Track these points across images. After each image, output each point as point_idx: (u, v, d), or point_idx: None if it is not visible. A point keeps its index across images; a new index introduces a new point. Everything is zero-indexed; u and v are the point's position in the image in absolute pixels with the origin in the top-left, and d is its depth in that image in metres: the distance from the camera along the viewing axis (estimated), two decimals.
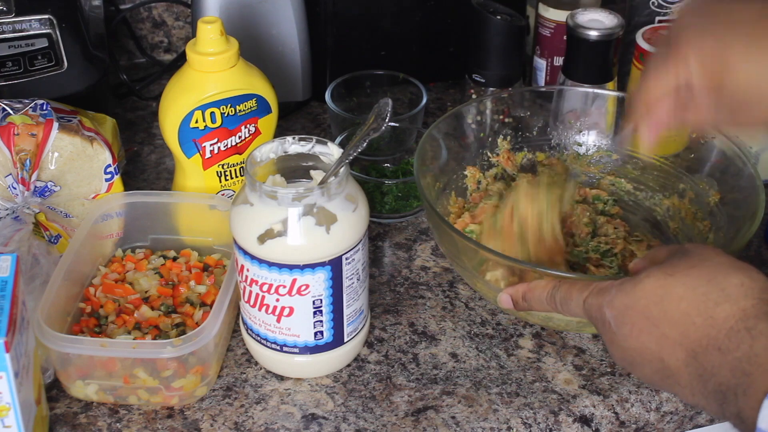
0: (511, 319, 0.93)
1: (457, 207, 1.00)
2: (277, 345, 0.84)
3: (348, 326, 0.85)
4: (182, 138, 0.93)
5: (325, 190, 0.78)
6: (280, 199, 0.78)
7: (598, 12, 1.07)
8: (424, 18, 1.22)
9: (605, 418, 0.84)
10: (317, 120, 1.23)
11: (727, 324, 0.62)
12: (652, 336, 0.66)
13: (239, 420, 0.82)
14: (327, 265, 0.79)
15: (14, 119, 0.88)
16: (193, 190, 0.97)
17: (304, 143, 0.84)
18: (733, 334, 0.62)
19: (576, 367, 0.88)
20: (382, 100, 0.82)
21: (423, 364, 0.88)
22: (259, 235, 0.78)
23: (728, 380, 0.61)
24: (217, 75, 0.91)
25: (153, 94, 1.25)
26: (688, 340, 0.64)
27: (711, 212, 0.95)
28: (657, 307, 0.66)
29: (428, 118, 1.20)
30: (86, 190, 0.92)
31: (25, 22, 1.03)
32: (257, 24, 1.15)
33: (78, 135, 0.90)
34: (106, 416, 0.82)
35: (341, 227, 0.79)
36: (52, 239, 0.93)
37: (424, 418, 0.82)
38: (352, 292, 0.83)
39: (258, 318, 0.83)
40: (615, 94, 1.06)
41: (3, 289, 0.70)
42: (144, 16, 1.32)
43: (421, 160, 0.95)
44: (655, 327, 0.66)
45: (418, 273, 0.99)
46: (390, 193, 1.04)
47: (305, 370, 0.86)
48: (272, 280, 0.80)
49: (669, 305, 0.65)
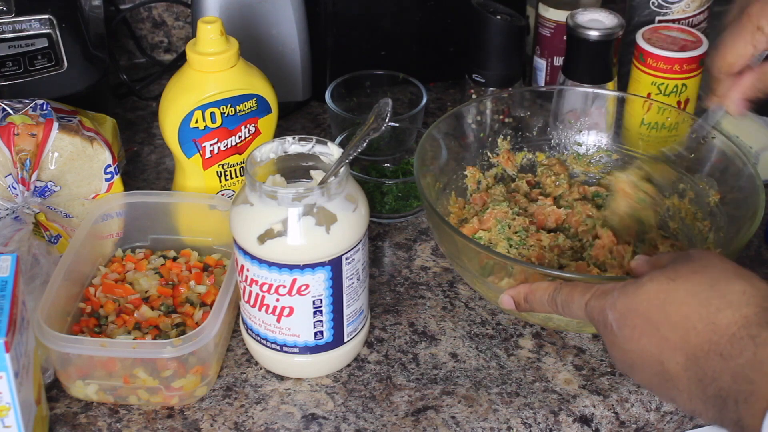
0: (511, 319, 0.93)
1: (457, 207, 1.00)
2: (277, 345, 0.84)
3: (348, 326, 0.85)
4: (182, 138, 0.93)
5: (325, 190, 0.78)
6: (280, 199, 0.78)
7: (598, 12, 1.06)
8: (424, 18, 1.22)
9: (605, 418, 0.84)
10: (317, 120, 1.23)
11: (729, 330, 0.62)
12: (653, 339, 0.66)
13: (239, 420, 0.82)
14: (327, 265, 0.79)
15: (14, 119, 0.89)
16: (193, 190, 0.97)
17: (304, 143, 0.84)
18: (736, 341, 0.62)
19: (576, 367, 0.88)
20: (382, 100, 0.82)
21: (423, 364, 0.88)
22: (259, 235, 0.78)
23: (729, 386, 0.61)
24: (217, 75, 0.91)
25: (153, 94, 1.25)
26: (689, 345, 0.64)
27: (711, 212, 0.95)
28: (658, 311, 0.66)
29: (428, 118, 1.20)
30: (86, 190, 0.92)
31: (25, 22, 1.03)
32: (257, 24, 1.15)
33: (78, 135, 0.90)
34: (106, 416, 0.82)
35: (341, 227, 0.79)
36: (52, 239, 0.93)
37: (424, 418, 0.82)
38: (352, 292, 0.83)
39: (258, 318, 0.83)
40: (615, 94, 1.06)
41: (3, 289, 0.70)
42: (144, 16, 1.32)
43: (421, 160, 0.95)
44: (656, 330, 0.66)
45: (418, 273, 0.99)
46: (390, 193, 1.04)
47: (305, 370, 0.86)
48: (272, 280, 0.80)
49: (670, 309, 0.65)
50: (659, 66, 1.07)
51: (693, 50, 1.07)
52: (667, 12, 1.16)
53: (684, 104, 1.09)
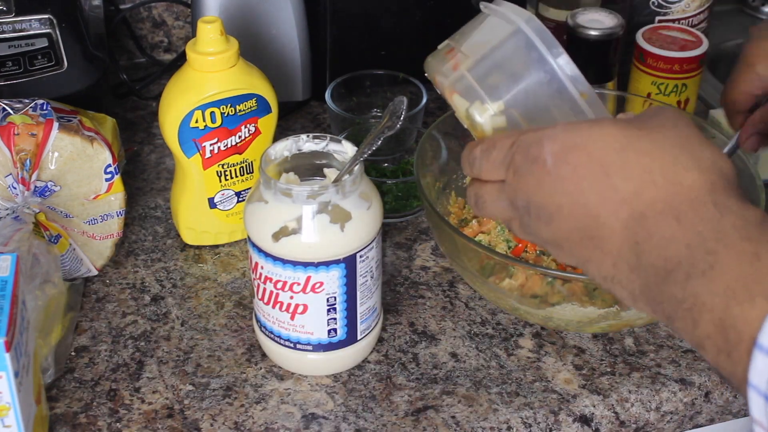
0: (511, 318, 0.93)
1: (457, 207, 1.00)
2: (290, 342, 0.84)
3: (361, 324, 0.85)
4: (182, 138, 0.93)
5: (339, 188, 0.78)
6: (295, 196, 0.78)
7: (598, 12, 1.06)
8: (424, 18, 1.22)
9: (605, 417, 0.84)
10: (317, 120, 1.23)
11: (692, 194, 0.55)
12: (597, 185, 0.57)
13: (239, 420, 0.82)
14: (341, 262, 0.79)
15: (14, 119, 0.88)
16: (193, 190, 0.97)
17: (318, 141, 0.84)
18: (699, 205, 0.54)
19: (576, 366, 0.88)
20: (396, 98, 0.82)
21: (423, 363, 0.88)
22: (274, 233, 0.79)
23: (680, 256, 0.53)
24: (217, 75, 0.92)
25: (153, 94, 1.25)
26: (640, 200, 0.56)
27: None
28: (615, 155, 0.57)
29: (428, 118, 1.20)
30: (86, 190, 0.92)
31: (25, 21, 1.03)
32: (257, 24, 1.15)
33: (78, 135, 0.90)
34: (106, 416, 0.82)
35: (355, 225, 0.79)
36: (52, 239, 0.93)
37: (424, 417, 0.82)
38: (365, 290, 0.83)
39: (272, 315, 0.83)
40: (615, 93, 1.06)
41: (3, 289, 0.70)
42: (144, 16, 1.32)
43: (421, 160, 0.95)
44: (605, 176, 0.57)
45: (418, 273, 0.99)
46: (390, 193, 1.04)
47: (318, 368, 0.86)
48: (286, 278, 0.80)
49: (630, 156, 0.57)
50: (659, 66, 1.07)
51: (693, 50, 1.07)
52: (667, 12, 1.17)
53: (684, 104, 1.09)
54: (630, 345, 0.90)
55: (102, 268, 0.97)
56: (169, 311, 0.93)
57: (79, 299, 0.93)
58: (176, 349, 0.89)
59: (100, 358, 0.88)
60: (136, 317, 0.92)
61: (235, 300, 0.94)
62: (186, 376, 0.86)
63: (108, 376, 0.86)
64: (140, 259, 0.99)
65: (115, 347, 0.89)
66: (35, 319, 0.80)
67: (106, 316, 0.93)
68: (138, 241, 1.02)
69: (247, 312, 0.93)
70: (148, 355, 0.88)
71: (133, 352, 0.89)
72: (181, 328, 0.91)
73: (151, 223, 1.04)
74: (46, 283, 0.84)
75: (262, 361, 0.88)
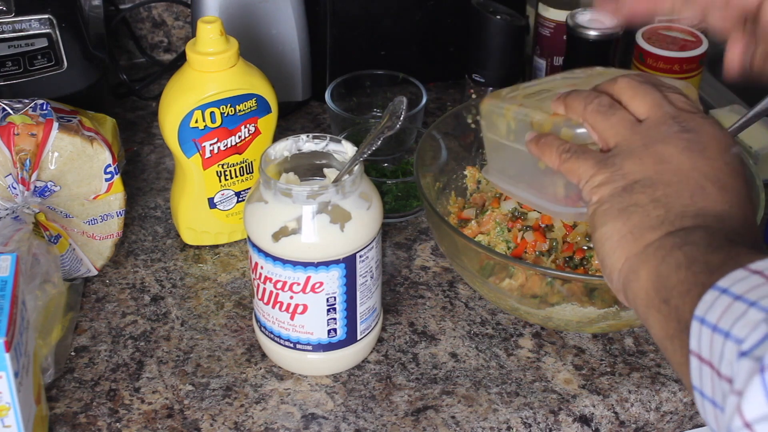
0: (511, 318, 0.93)
1: (457, 207, 1.00)
2: (290, 342, 0.84)
3: (361, 324, 0.85)
4: (182, 138, 0.93)
5: (339, 188, 0.79)
6: (295, 196, 0.78)
7: (598, 12, 1.06)
8: (424, 18, 1.22)
9: (605, 417, 0.84)
10: (317, 120, 1.23)
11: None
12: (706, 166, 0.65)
13: (239, 420, 0.82)
14: (341, 262, 0.79)
15: (14, 119, 0.88)
16: (192, 190, 0.97)
17: (318, 141, 0.84)
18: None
19: (576, 366, 0.88)
20: (396, 98, 0.82)
21: (423, 363, 0.88)
22: (274, 233, 0.79)
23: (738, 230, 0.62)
24: (217, 75, 0.92)
25: (153, 94, 1.25)
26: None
27: None
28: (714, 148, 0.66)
29: (428, 118, 1.20)
30: (86, 190, 0.92)
31: (24, 22, 1.03)
32: (257, 24, 1.15)
33: (78, 135, 0.90)
34: (106, 416, 0.82)
35: (355, 225, 0.79)
36: (52, 239, 0.93)
37: (424, 417, 0.82)
38: (365, 290, 0.83)
39: (271, 315, 0.83)
40: None
41: (3, 289, 0.70)
42: (144, 16, 1.32)
43: (421, 160, 0.95)
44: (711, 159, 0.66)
45: (418, 273, 0.99)
46: (390, 193, 1.04)
47: (318, 368, 0.86)
48: (286, 278, 0.80)
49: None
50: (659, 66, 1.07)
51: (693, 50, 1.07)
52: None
53: None
54: (630, 345, 0.90)
55: (102, 268, 0.97)
56: (168, 311, 0.93)
57: (79, 299, 0.93)
58: (176, 349, 0.89)
59: (100, 358, 0.88)
60: (136, 317, 0.93)
61: (235, 300, 0.94)
62: (186, 376, 0.86)
63: (108, 376, 0.86)
64: (140, 259, 0.99)
65: (115, 347, 0.89)
66: (35, 319, 0.80)
67: (106, 316, 0.93)
68: (138, 241, 1.02)
69: (246, 312, 0.93)
70: (147, 355, 0.88)
71: (132, 352, 0.89)
72: (180, 328, 0.91)
73: (151, 223, 1.04)
74: (46, 283, 0.84)
75: (262, 361, 0.88)
